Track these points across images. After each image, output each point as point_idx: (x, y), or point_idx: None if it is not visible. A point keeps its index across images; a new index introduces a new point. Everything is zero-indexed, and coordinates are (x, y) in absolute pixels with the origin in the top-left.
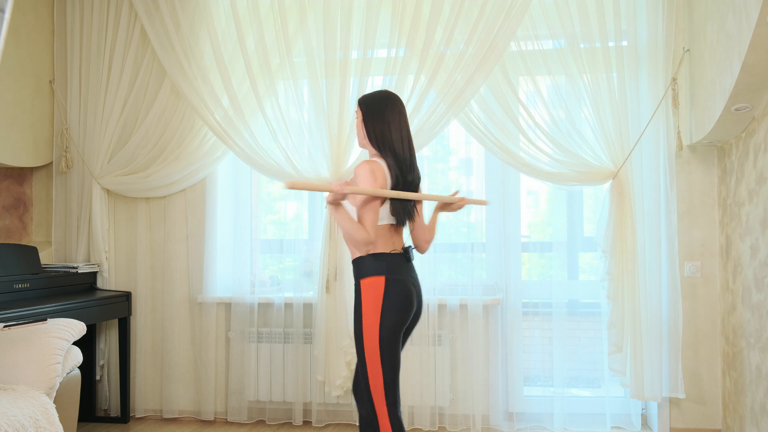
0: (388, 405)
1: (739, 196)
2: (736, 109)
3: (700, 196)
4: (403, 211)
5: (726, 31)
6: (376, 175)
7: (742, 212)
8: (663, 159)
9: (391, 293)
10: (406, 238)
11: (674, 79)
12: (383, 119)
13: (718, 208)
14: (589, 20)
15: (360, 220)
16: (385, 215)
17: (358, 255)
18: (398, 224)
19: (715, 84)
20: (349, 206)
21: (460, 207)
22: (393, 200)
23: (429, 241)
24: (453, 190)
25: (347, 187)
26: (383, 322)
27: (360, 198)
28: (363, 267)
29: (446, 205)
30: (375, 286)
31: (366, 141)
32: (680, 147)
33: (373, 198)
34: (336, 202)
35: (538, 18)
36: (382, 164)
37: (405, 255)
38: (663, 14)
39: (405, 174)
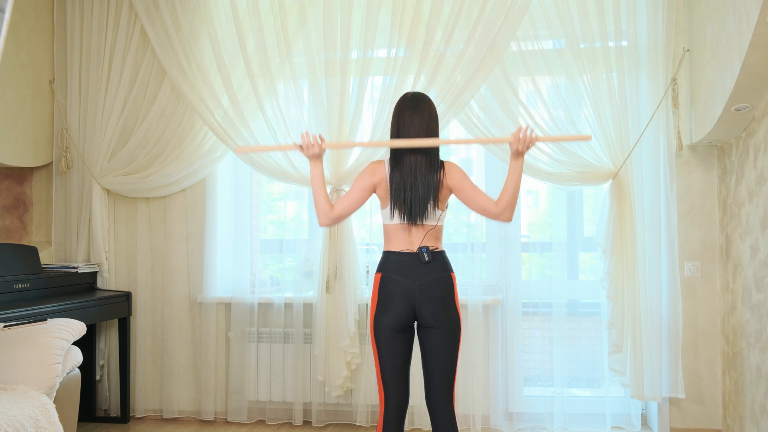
0: (385, 398)
1: (739, 196)
2: (736, 109)
3: (700, 196)
4: (410, 209)
5: (726, 31)
6: (374, 172)
7: (742, 212)
8: (663, 159)
9: (381, 290)
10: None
11: (674, 79)
12: (394, 120)
13: (718, 208)
14: (589, 20)
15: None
16: (388, 214)
17: None
18: (409, 222)
19: (715, 84)
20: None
21: (530, 143)
22: (393, 198)
23: (502, 212)
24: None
25: (324, 142)
26: (376, 317)
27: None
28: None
29: (516, 144)
30: (375, 282)
31: None
32: (680, 147)
33: (358, 186)
34: (308, 153)
35: (538, 18)
36: (386, 163)
37: (418, 256)
38: (663, 14)
39: (412, 173)
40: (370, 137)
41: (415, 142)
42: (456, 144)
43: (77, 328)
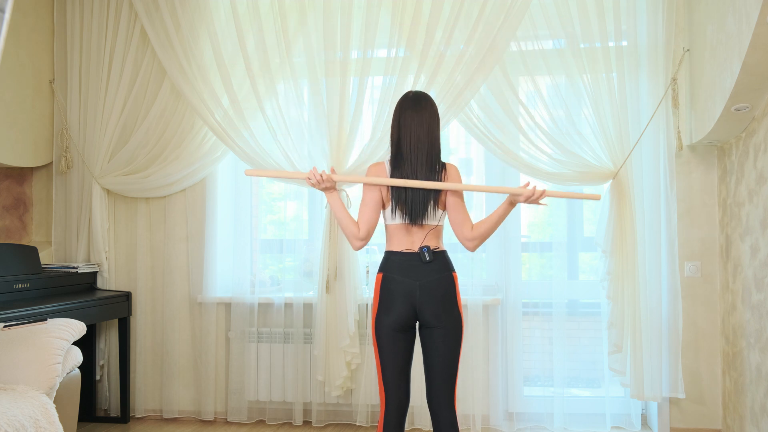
0: (386, 398)
1: (739, 196)
2: (736, 109)
3: (700, 196)
4: (411, 209)
5: (726, 31)
6: (377, 175)
7: (742, 212)
8: (663, 159)
9: (383, 290)
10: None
11: (674, 79)
12: (395, 120)
13: (718, 208)
14: (589, 20)
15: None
16: (389, 214)
17: None
18: (410, 222)
19: (715, 84)
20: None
21: (534, 200)
22: (394, 198)
23: (472, 239)
24: (523, 183)
25: (333, 175)
26: (376, 316)
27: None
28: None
29: (517, 196)
30: (376, 282)
31: None
32: (680, 147)
33: (369, 194)
34: (319, 187)
35: (538, 18)
36: (386, 165)
37: (419, 255)
38: (663, 14)
39: (414, 173)
40: (370, 137)
41: (421, 184)
42: (457, 139)
43: (77, 328)
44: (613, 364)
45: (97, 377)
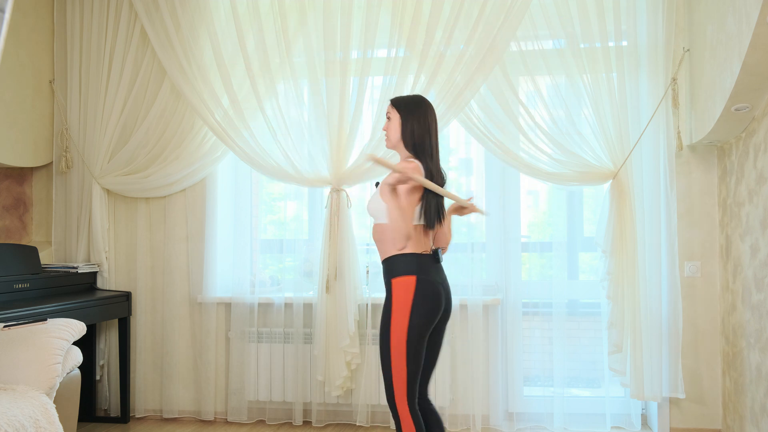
0: (408, 399)
1: (739, 196)
2: (736, 109)
3: (700, 196)
4: (434, 214)
5: (726, 31)
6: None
7: (742, 212)
8: (663, 159)
9: (421, 293)
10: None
11: (674, 79)
12: (423, 124)
13: (718, 208)
14: (589, 20)
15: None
16: (416, 216)
17: (388, 255)
18: (427, 226)
19: (715, 84)
20: (381, 203)
21: (470, 212)
22: (426, 202)
23: (449, 243)
24: (469, 196)
25: (415, 175)
26: (412, 320)
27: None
28: (395, 266)
29: (460, 209)
30: (406, 285)
31: (400, 143)
32: (680, 147)
33: (411, 195)
34: (398, 183)
35: (538, 18)
36: (420, 166)
37: (434, 256)
38: (663, 14)
39: (438, 176)
40: (371, 137)
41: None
42: (457, 139)
43: (77, 328)
44: (613, 364)
45: (97, 377)
